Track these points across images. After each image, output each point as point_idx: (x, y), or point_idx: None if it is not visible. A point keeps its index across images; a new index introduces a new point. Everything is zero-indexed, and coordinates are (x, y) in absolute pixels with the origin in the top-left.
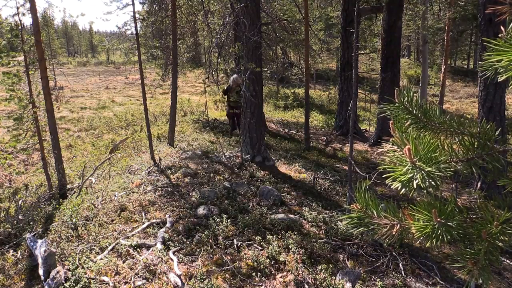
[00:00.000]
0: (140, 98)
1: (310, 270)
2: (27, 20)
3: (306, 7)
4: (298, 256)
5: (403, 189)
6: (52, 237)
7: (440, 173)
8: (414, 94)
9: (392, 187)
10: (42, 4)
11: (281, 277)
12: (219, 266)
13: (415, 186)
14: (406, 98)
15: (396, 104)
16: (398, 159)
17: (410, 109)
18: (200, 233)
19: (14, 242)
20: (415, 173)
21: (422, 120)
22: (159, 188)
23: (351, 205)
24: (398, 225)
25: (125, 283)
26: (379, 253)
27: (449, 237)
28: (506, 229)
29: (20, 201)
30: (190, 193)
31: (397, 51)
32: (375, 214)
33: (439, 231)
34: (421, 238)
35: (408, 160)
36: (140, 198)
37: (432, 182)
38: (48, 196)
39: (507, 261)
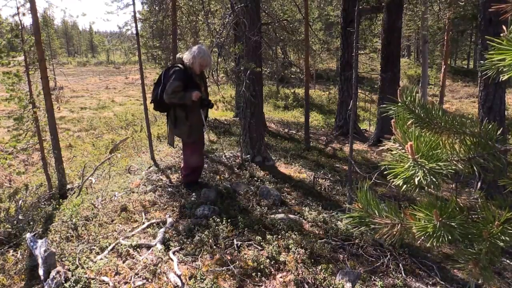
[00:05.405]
0: (140, 98)
1: (310, 270)
2: (27, 20)
3: (306, 7)
4: (298, 256)
5: (405, 186)
6: (52, 237)
7: (442, 170)
8: (417, 94)
9: (393, 184)
10: (42, 4)
11: (281, 277)
12: (219, 266)
13: (416, 182)
14: (408, 98)
15: (399, 104)
16: (400, 156)
17: (413, 108)
18: (200, 233)
19: (14, 242)
20: (417, 170)
21: (424, 120)
22: (159, 188)
23: (353, 204)
24: (399, 224)
25: (125, 283)
26: (379, 253)
27: (450, 237)
28: (507, 229)
29: (20, 201)
30: (190, 193)
31: (397, 51)
32: (376, 214)
33: (440, 231)
34: (422, 238)
35: (410, 156)
36: (140, 198)
37: (434, 179)
38: (48, 196)
39: (507, 261)
